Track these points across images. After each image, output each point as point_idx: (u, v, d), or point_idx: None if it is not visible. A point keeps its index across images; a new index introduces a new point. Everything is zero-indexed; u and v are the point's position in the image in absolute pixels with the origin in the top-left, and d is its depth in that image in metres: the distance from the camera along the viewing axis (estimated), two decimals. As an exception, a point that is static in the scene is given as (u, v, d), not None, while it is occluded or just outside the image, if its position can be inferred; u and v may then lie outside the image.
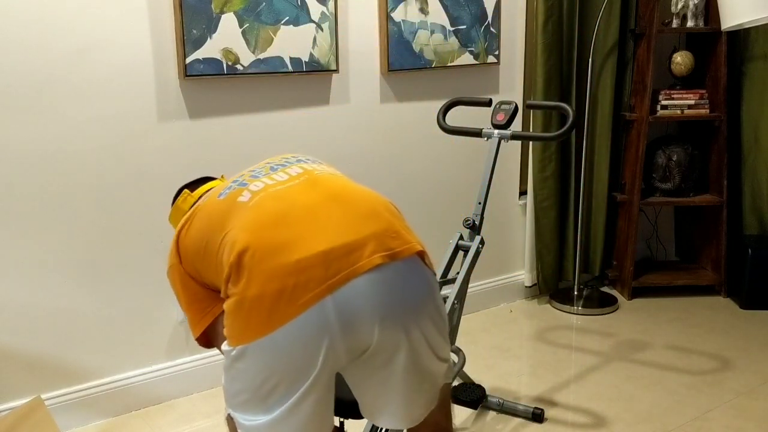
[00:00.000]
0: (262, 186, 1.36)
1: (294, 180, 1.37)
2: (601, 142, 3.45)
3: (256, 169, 1.46)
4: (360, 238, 1.24)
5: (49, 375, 2.32)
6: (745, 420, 2.37)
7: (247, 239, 1.25)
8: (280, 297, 1.19)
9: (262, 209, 1.30)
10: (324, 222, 1.26)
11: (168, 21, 2.34)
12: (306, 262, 1.20)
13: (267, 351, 1.20)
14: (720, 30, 3.03)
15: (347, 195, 1.32)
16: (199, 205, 1.45)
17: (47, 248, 2.26)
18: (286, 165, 1.44)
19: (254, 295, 1.20)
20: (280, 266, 1.21)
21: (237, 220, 1.31)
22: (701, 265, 3.68)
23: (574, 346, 2.97)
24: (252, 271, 1.22)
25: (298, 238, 1.23)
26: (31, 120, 2.17)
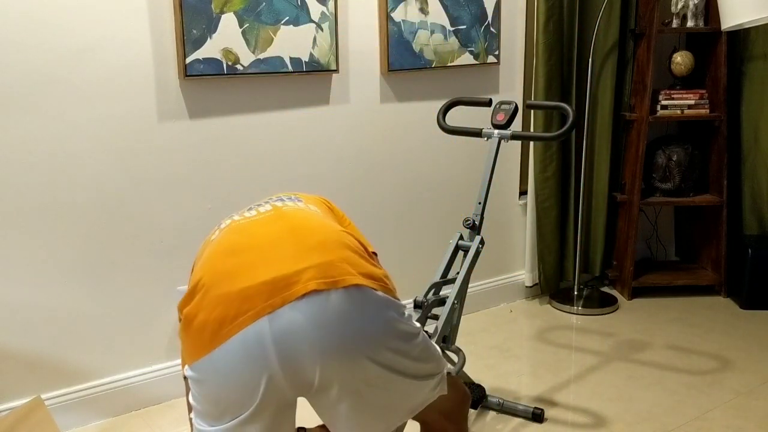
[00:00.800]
0: (229, 222, 1.42)
1: (260, 216, 1.39)
2: (601, 142, 3.45)
3: (245, 212, 1.51)
4: (303, 268, 1.22)
5: (49, 375, 2.32)
6: (745, 420, 2.37)
7: (201, 270, 1.30)
8: (222, 322, 1.20)
9: (222, 243, 1.34)
10: (274, 253, 1.25)
11: (168, 21, 2.34)
12: (250, 290, 1.20)
13: (209, 371, 1.21)
14: (720, 30, 3.03)
15: (302, 228, 1.31)
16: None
17: (47, 248, 2.26)
18: (261, 204, 1.47)
19: (200, 320, 1.22)
20: (225, 294, 1.22)
21: (202, 259, 1.36)
22: (701, 265, 3.68)
23: (574, 346, 2.97)
24: (202, 299, 1.24)
25: (247, 268, 1.23)
26: (31, 120, 2.17)
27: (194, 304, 1.26)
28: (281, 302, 1.18)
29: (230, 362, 1.19)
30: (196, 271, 1.34)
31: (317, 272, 1.21)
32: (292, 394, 1.24)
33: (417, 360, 1.29)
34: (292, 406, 1.28)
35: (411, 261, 3.08)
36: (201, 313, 1.22)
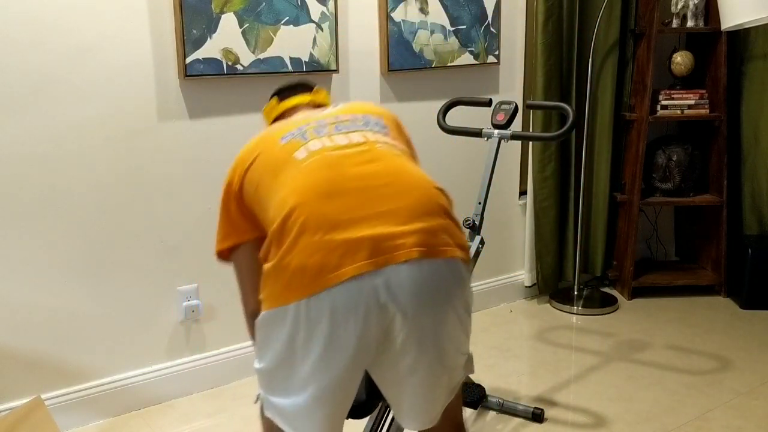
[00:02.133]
0: (320, 147, 1.36)
1: (352, 148, 1.36)
2: (601, 142, 3.45)
3: (322, 121, 1.46)
4: (407, 231, 1.25)
5: (49, 375, 2.32)
6: (745, 420, 2.37)
7: (294, 205, 1.27)
8: (322, 270, 1.22)
9: (314, 176, 1.31)
10: (375, 206, 1.27)
11: (168, 21, 2.34)
12: (352, 242, 1.23)
13: (302, 314, 1.23)
14: (720, 30, 3.03)
15: (401, 182, 1.32)
16: (267, 137, 1.47)
17: (47, 248, 2.26)
18: (351, 127, 1.43)
19: (297, 265, 1.23)
20: (326, 242, 1.23)
21: (288, 179, 1.33)
22: (701, 265, 3.68)
23: (574, 346, 2.97)
24: (297, 241, 1.24)
25: (348, 218, 1.25)
26: (31, 120, 2.17)
27: (290, 243, 1.25)
28: (384, 262, 1.22)
29: (331, 309, 1.22)
30: (286, 198, 1.29)
31: (420, 239, 1.25)
32: (374, 347, 1.28)
33: (468, 335, 1.39)
34: (361, 371, 1.31)
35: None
36: (297, 257, 1.23)
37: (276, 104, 1.70)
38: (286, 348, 1.27)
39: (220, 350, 2.66)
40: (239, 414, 2.46)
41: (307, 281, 1.22)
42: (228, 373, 2.67)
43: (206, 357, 2.63)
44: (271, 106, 1.71)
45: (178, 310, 2.53)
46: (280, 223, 1.28)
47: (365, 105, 1.57)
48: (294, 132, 1.43)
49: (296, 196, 1.29)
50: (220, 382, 2.66)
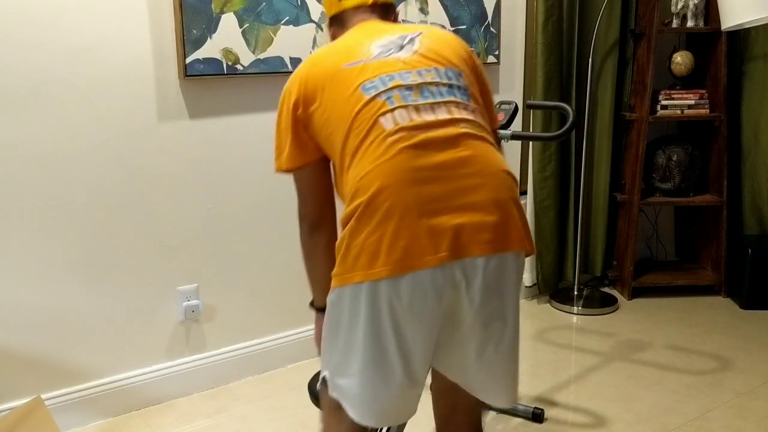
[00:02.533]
0: (408, 122, 1.34)
1: (439, 129, 1.35)
2: (601, 142, 3.45)
3: (405, 75, 1.40)
4: (485, 224, 1.31)
5: (49, 375, 2.32)
6: (745, 420, 2.37)
7: (382, 186, 1.29)
8: (407, 255, 1.26)
9: (402, 159, 1.31)
10: (459, 196, 1.31)
11: (168, 21, 2.34)
12: (438, 232, 1.27)
13: (383, 293, 1.27)
14: (720, 30, 3.03)
15: (485, 172, 1.35)
16: (334, 65, 1.42)
17: (47, 248, 2.26)
18: (436, 96, 1.40)
19: (383, 246, 1.27)
20: (412, 228, 1.27)
21: (374, 151, 1.33)
22: (701, 265, 3.68)
23: (574, 346, 2.97)
24: (384, 223, 1.28)
25: (432, 207, 1.29)
26: (31, 120, 2.17)
27: (377, 224, 1.28)
28: (463, 254, 1.29)
29: (417, 290, 1.28)
30: (373, 177, 1.30)
31: (496, 235, 1.32)
32: (437, 337, 1.36)
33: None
34: (431, 354, 1.38)
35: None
36: (385, 238, 1.27)
37: (337, 1, 1.60)
38: (367, 326, 1.30)
39: (220, 350, 2.66)
40: (239, 414, 2.46)
41: (391, 263, 1.26)
42: (228, 373, 2.67)
43: (206, 357, 2.63)
44: (331, 1, 1.62)
45: (178, 310, 2.53)
46: (366, 201, 1.29)
47: (443, 45, 1.49)
48: (375, 84, 1.38)
49: (384, 177, 1.30)
50: (220, 382, 2.66)
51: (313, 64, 1.45)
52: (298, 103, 1.44)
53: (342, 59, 1.42)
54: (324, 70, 1.42)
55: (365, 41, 1.46)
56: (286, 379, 2.71)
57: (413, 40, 1.47)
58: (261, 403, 2.54)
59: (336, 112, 1.38)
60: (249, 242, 2.65)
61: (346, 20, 1.58)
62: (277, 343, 2.78)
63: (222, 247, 2.59)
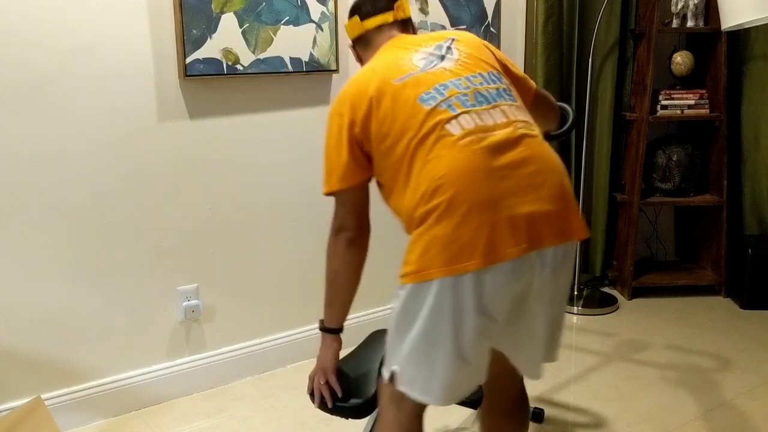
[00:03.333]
0: (473, 126, 1.44)
1: (500, 130, 1.45)
2: (601, 142, 3.45)
3: (457, 83, 1.50)
4: (552, 214, 1.43)
5: (49, 375, 2.32)
6: (745, 420, 2.37)
7: (459, 187, 1.38)
8: (491, 248, 1.36)
9: (474, 160, 1.40)
10: (528, 191, 1.42)
11: (168, 21, 2.34)
12: (515, 227, 1.38)
13: (467, 286, 1.36)
14: (720, 30, 3.03)
15: (546, 168, 1.46)
16: (384, 79, 1.50)
17: (47, 248, 2.26)
18: (489, 99, 1.50)
19: (466, 240, 1.36)
20: (493, 222, 1.37)
21: (445, 155, 1.41)
22: (701, 265, 3.68)
23: (574, 346, 2.97)
24: (470, 216, 1.37)
25: (508, 202, 1.39)
26: (31, 119, 2.17)
27: (460, 220, 1.37)
28: (538, 245, 1.41)
29: (498, 282, 1.38)
30: (449, 177, 1.39)
31: (561, 225, 1.44)
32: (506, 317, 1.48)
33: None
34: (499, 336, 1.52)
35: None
36: (468, 232, 1.36)
37: (359, 22, 1.71)
38: (453, 316, 1.38)
39: (220, 350, 2.66)
40: (239, 414, 2.46)
41: (478, 257, 1.35)
42: (228, 373, 2.67)
43: (206, 357, 2.63)
44: (354, 23, 1.73)
45: (178, 310, 2.54)
46: (447, 199, 1.37)
47: (476, 50, 1.60)
48: (431, 94, 1.48)
49: (462, 178, 1.39)
50: (220, 382, 2.66)
51: (359, 84, 1.53)
52: (354, 122, 1.51)
53: (389, 75, 1.51)
54: (375, 89, 1.50)
55: (404, 56, 1.55)
56: (286, 379, 2.71)
57: (450, 49, 1.58)
58: (261, 403, 2.54)
59: (397, 126, 1.46)
60: (249, 242, 2.65)
61: (370, 39, 1.70)
62: (277, 343, 2.78)
63: (222, 247, 2.59)
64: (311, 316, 2.85)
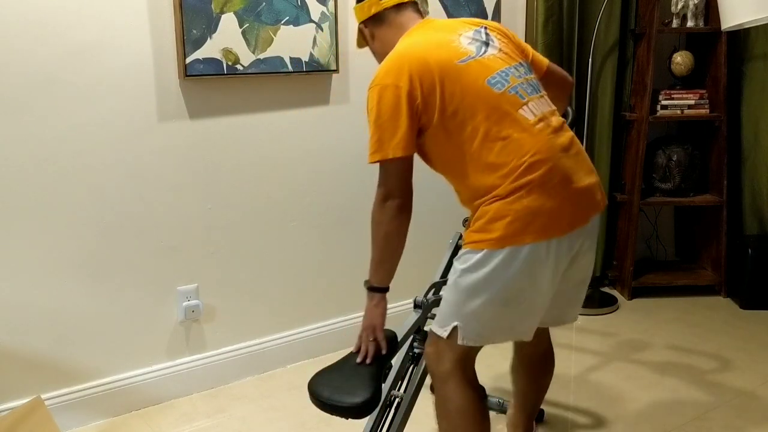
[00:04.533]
0: (540, 114, 1.65)
1: (550, 118, 1.67)
2: (601, 142, 3.45)
3: (513, 71, 1.68)
4: (594, 188, 1.69)
5: (49, 375, 2.32)
6: (745, 420, 2.37)
7: (550, 165, 1.59)
8: (575, 215, 1.63)
9: (554, 144, 1.62)
10: (580, 168, 1.66)
11: (168, 21, 2.34)
12: (582, 198, 1.64)
13: (554, 248, 1.60)
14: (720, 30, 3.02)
15: (581, 149, 1.72)
16: (443, 59, 1.64)
17: (47, 248, 2.26)
18: (535, 88, 1.72)
19: (559, 209, 1.59)
20: (572, 192, 1.62)
21: (524, 133, 1.60)
22: (701, 265, 3.68)
23: (574, 346, 2.97)
24: (559, 189, 1.59)
25: (575, 176, 1.63)
26: (31, 120, 2.17)
27: (544, 192, 1.58)
28: (594, 212, 1.68)
29: (572, 244, 1.65)
30: (539, 159, 1.59)
31: (598, 196, 1.70)
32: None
33: None
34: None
35: (411, 260, 3.08)
36: (552, 200, 1.58)
37: (376, 1, 1.78)
38: (533, 277, 1.61)
39: (220, 350, 2.66)
40: (239, 414, 2.46)
41: (564, 224, 1.60)
42: (228, 373, 2.67)
43: (206, 357, 2.63)
44: (370, 1, 1.79)
45: (178, 310, 2.54)
46: (540, 176, 1.58)
47: (508, 39, 1.79)
48: (498, 78, 1.64)
49: (547, 157, 1.59)
50: (220, 382, 2.66)
51: (416, 58, 1.62)
52: (415, 94, 1.61)
53: (449, 56, 1.64)
54: (438, 65, 1.62)
55: (450, 38, 1.69)
56: (286, 379, 2.71)
57: (489, 37, 1.74)
58: (261, 403, 2.54)
59: (467, 103, 1.60)
60: (249, 242, 2.65)
61: (387, 18, 1.78)
62: (277, 343, 2.78)
63: (222, 247, 2.59)
64: (311, 316, 2.85)
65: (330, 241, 2.85)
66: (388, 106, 1.60)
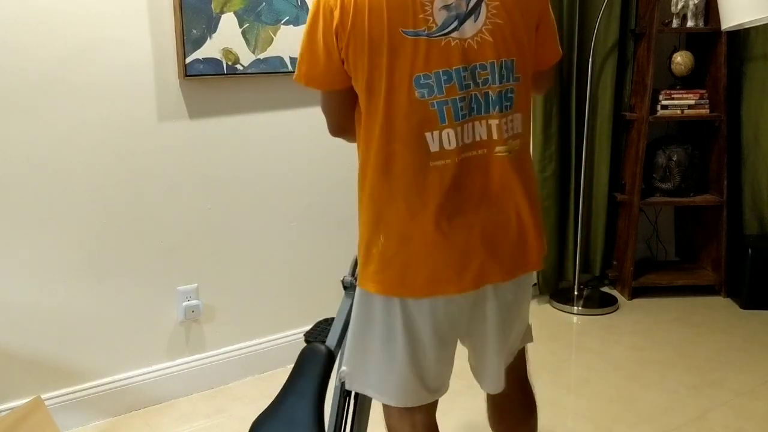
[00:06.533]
0: (452, 147, 1.30)
1: (479, 150, 1.33)
2: (601, 142, 3.44)
3: (461, 73, 1.29)
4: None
5: (49, 375, 2.32)
6: (745, 420, 2.37)
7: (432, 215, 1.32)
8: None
9: (452, 177, 1.32)
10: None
11: (168, 21, 2.34)
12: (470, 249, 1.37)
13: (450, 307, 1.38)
14: (720, 30, 3.02)
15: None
16: (390, 20, 1.25)
17: (47, 248, 2.26)
18: (482, 106, 1.33)
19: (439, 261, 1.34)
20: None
21: (412, 175, 1.31)
22: (701, 265, 3.68)
23: (574, 346, 2.97)
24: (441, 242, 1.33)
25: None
26: (31, 120, 2.17)
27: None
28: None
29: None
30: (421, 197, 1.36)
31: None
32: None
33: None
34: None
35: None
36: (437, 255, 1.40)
37: None
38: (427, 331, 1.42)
39: (219, 350, 2.66)
40: (239, 414, 2.46)
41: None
42: (228, 373, 2.67)
43: (206, 357, 2.63)
44: None
45: (178, 310, 2.53)
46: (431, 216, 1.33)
47: (506, 21, 1.32)
48: (431, 82, 1.28)
49: (439, 197, 1.32)
50: (220, 382, 2.66)
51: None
52: (340, 25, 1.28)
53: (400, 17, 1.25)
54: (380, 20, 1.25)
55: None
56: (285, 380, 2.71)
57: (479, 6, 1.30)
58: (261, 403, 2.54)
59: (382, 85, 1.28)
60: (249, 242, 2.65)
61: None
62: (277, 343, 2.78)
63: (222, 247, 2.59)
64: (311, 316, 2.85)
65: (330, 241, 2.85)
66: (316, 34, 1.32)
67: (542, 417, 2.40)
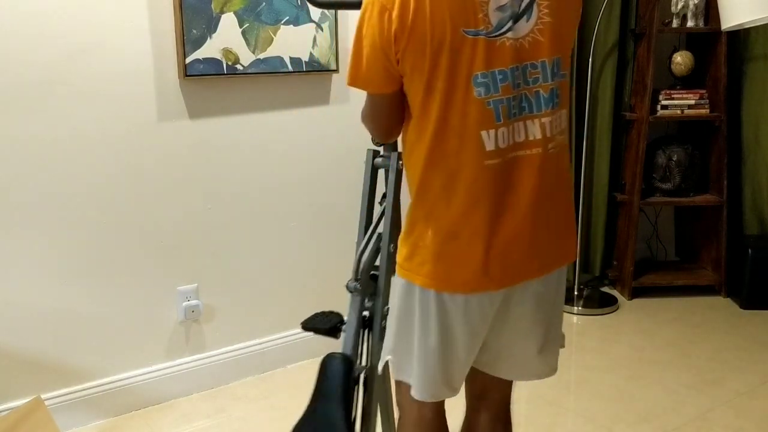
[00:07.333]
0: (505, 145, 1.32)
1: (529, 150, 1.34)
2: (601, 142, 3.45)
3: (514, 73, 1.30)
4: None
5: (49, 375, 2.32)
6: (745, 420, 2.37)
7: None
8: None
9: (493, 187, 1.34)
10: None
11: (168, 21, 2.34)
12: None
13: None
14: (720, 30, 3.02)
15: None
16: (452, 22, 1.25)
17: (47, 248, 2.26)
18: (533, 105, 1.34)
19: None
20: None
21: (469, 170, 1.31)
22: (701, 265, 3.68)
23: (574, 346, 2.97)
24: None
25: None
26: (31, 120, 2.17)
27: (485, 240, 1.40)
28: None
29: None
30: (471, 204, 1.38)
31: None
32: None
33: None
34: None
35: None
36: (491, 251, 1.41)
37: None
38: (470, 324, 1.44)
39: (219, 350, 2.66)
40: (239, 414, 2.46)
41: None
42: (228, 373, 2.67)
43: (206, 357, 2.63)
44: None
45: (178, 310, 2.53)
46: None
47: (561, 14, 1.34)
48: (488, 81, 1.29)
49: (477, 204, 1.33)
50: (220, 382, 2.66)
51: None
52: (399, 32, 1.27)
53: (462, 17, 1.26)
54: (442, 21, 1.25)
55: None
56: (286, 379, 2.71)
57: (531, 5, 1.31)
58: (261, 403, 2.54)
59: (442, 85, 1.29)
60: (249, 242, 2.65)
61: None
62: (277, 343, 2.78)
63: (222, 247, 2.59)
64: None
65: (330, 241, 2.85)
66: (370, 37, 1.31)
67: (542, 417, 2.40)
